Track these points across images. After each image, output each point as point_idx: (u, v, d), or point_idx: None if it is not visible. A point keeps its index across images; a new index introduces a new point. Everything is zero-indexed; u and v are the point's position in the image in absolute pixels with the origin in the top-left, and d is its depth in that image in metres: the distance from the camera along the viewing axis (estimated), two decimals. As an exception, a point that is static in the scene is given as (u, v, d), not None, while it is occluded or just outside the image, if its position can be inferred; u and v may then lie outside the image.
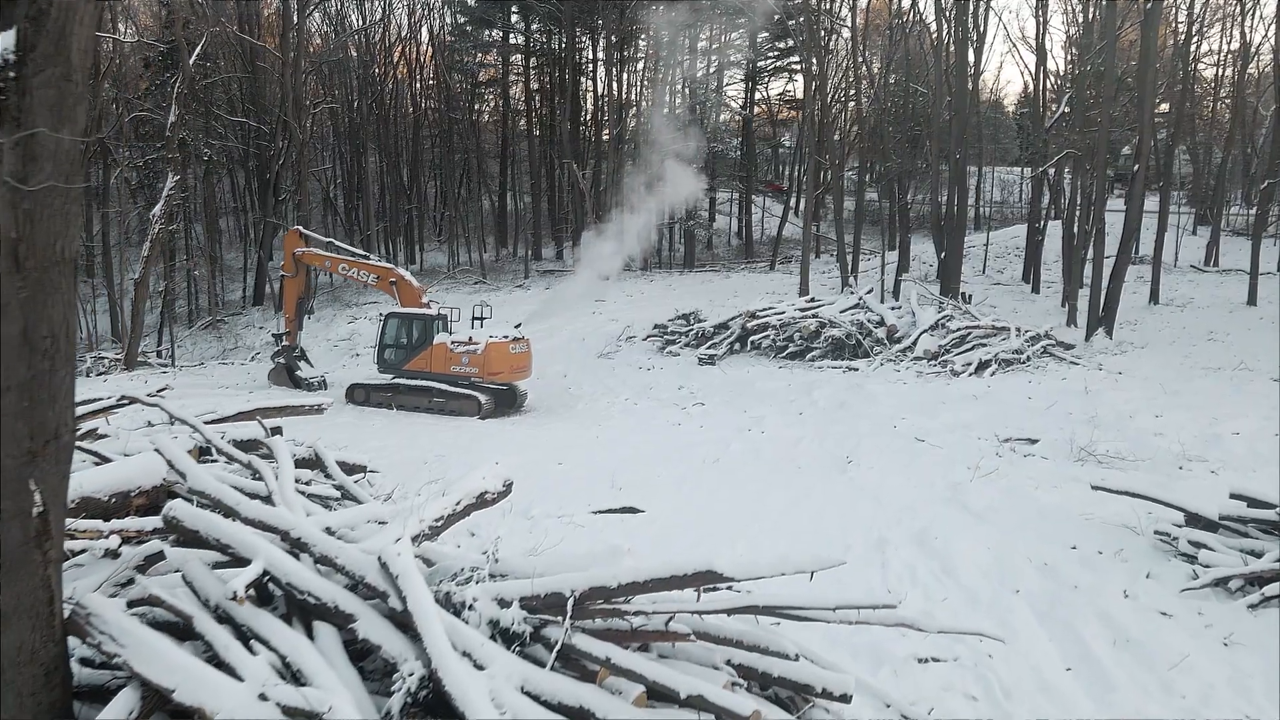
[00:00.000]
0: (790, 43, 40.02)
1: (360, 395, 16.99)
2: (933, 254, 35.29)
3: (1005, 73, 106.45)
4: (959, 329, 18.69)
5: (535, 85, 42.66)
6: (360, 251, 18.42)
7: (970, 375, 17.04)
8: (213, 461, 8.61)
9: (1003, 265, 34.01)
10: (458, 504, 6.35)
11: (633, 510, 9.79)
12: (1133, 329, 21.76)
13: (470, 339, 16.33)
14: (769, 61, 43.62)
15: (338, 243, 19.11)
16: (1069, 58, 32.95)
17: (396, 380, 16.94)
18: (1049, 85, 30.64)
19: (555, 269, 35.27)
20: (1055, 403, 14.61)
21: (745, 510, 9.66)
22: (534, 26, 40.67)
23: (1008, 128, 58.65)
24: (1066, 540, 8.31)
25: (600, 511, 9.71)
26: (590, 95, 39.85)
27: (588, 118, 39.99)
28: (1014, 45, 68.07)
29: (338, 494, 8.81)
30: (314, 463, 9.48)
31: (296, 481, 8.69)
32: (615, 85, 35.99)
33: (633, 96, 38.03)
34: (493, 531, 8.99)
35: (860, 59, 30.90)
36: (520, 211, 41.47)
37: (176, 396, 15.21)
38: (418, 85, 41.45)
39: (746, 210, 43.01)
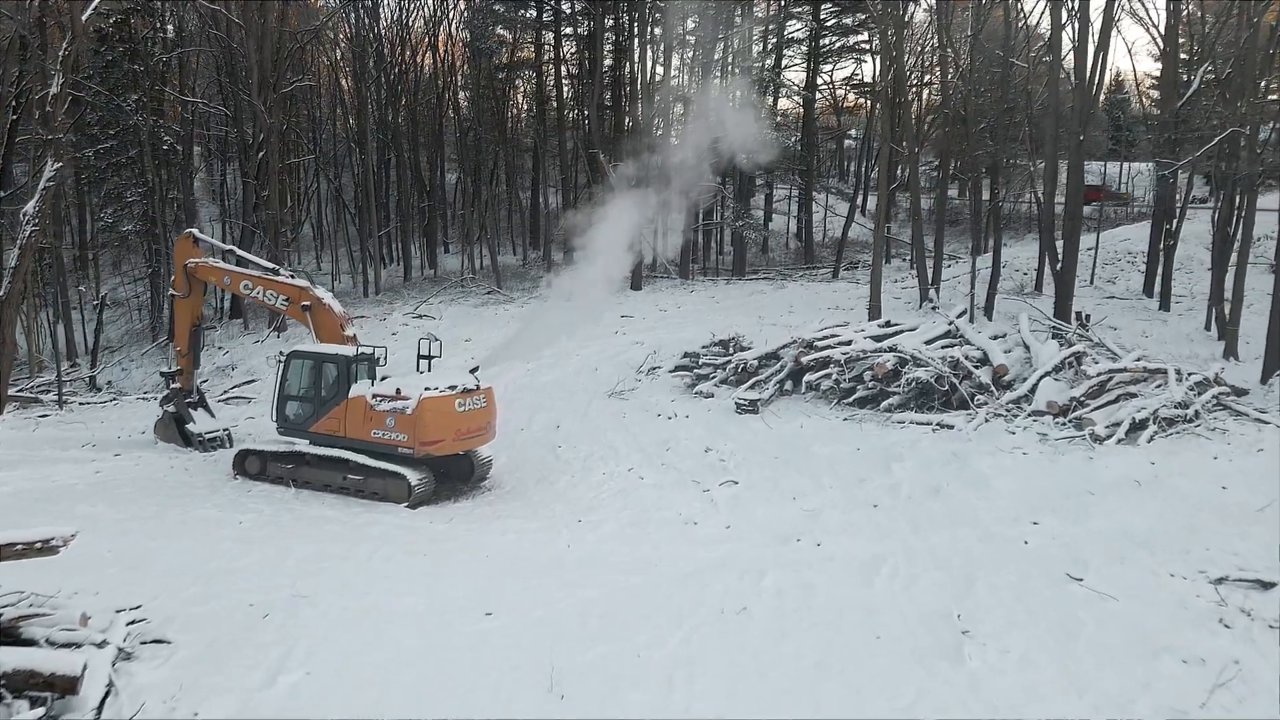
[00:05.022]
0: (859, 17, 34.83)
1: (254, 466, 12.27)
2: (1026, 260, 29.87)
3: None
4: (1097, 374, 13.40)
5: (567, 71, 38.19)
6: (268, 265, 13.85)
7: (1120, 442, 11.93)
8: None
9: (1113, 274, 28.43)
10: None
11: (563, 774, 5.21)
12: (1316, 364, 16.35)
13: (399, 391, 11.46)
14: (833, 40, 38.34)
15: (240, 251, 14.53)
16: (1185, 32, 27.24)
17: (305, 448, 12.20)
18: (1175, 62, 24.87)
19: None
20: (1273, 501, 9.55)
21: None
22: (564, 6, 36.28)
23: (1099, 120, 52.73)
24: None
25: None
26: (626, 79, 35.09)
27: (625, 104, 35.27)
28: (1143, 4, 58.22)
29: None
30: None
31: None
32: (659, 68, 31.31)
33: (673, 81, 33.26)
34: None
35: (945, 27, 25.62)
36: (551, 210, 37.05)
37: None
38: (441, 61, 37.18)
39: (807, 209, 37.74)
